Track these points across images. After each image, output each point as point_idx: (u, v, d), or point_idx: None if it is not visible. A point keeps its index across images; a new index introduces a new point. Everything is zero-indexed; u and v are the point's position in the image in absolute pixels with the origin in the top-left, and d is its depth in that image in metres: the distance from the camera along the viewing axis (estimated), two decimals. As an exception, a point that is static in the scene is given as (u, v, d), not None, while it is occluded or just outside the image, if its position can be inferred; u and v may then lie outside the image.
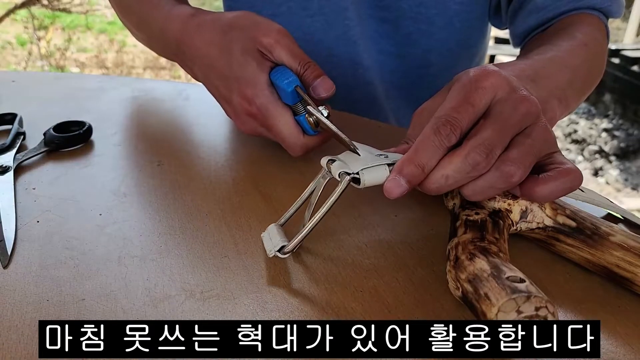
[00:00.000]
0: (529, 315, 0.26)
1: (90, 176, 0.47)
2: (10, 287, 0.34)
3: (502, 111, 0.34)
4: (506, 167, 0.32)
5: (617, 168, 2.65)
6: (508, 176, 0.32)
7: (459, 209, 0.37)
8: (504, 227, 0.34)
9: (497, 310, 0.26)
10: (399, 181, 0.33)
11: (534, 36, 0.58)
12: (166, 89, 0.68)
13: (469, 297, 0.29)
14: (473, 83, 0.34)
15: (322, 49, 0.66)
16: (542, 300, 0.26)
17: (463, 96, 0.34)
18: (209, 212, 0.42)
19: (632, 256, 0.33)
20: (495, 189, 0.33)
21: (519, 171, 0.32)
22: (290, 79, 0.44)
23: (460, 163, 0.32)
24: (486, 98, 0.34)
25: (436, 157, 0.33)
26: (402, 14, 0.64)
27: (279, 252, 0.35)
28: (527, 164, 0.33)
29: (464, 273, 0.30)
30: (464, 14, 0.65)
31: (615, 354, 0.30)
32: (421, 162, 0.33)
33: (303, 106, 0.44)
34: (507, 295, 0.26)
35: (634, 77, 3.05)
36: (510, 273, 0.28)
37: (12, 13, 3.73)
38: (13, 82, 0.70)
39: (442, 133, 0.33)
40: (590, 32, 0.54)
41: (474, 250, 0.31)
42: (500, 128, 0.33)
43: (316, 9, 0.64)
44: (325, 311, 0.32)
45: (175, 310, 0.32)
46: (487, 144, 0.32)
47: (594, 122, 3.11)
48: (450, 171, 0.33)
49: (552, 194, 0.34)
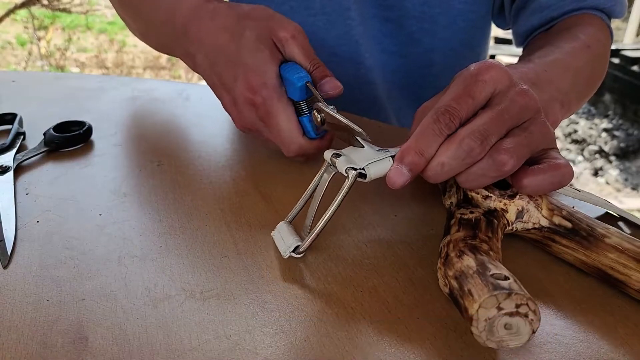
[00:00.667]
0: (509, 312, 0.26)
1: (90, 176, 0.47)
2: (10, 287, 0.34)
3: (500, 103, 0.34)
4: (499, 156, 0.33)
5: (617, 168, 2.65)
6: (500, 164, 0.33)
7: (454, 208, 0.37)
8: (498, 227, 0.34)
9: (478, 306, 0.27)
10: (401, 170, 0.34)
11: (537, 35, 0.58)
12: (166, 89, 0.68)
13: (454, 294, 0.29)
14: (473, 76, 0.35)
15: (324, 48, 0.66)
16: (523, 298, 0.26)
17: (463, 88, 0.34)
18: (209, 212, 0.42)
19: (627, 258, 0.33)
20: (488, 177, 0.34)
21: (512, 160, 0.33)
22: (302, 74, 0.43)
23: (455, 149, 0.33)
24: (486, 91, 0.34)
25: (435, 144, 0.34)
26: (405, 13, 0.64)
27: (294, 253, 0.36)
28: (520, 155, 0.33)
29: (451, 270, 0.30)
30: (468, 14, 0.65)
31: (615, 354, 0.30)
32: (421, 149, 0.33)
33: (308, 105, 0.44)
34: (489, 292, 0.26)
35: (634, 77, 3.05)
36: (496, 270, 0.28)
37: (12, 13, 3.73)
38: (13, 82, 0.70)
39: (441, 121, 0.33)
40: (593, 33, 0.54)
41: (464, 248, 0.31)
42: (496, 117, 0.33)
43: (318, 8, 0.64)
44: (325, 311, 0.32)
45: (175, 310, 0.32)
46: (482, 130, 0.33)
47: (594, 122, 3.11)
48: (446, 158, 0.33)
49: (540, 187, 0.34)
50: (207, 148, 0.53)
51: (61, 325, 0.30)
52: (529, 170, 0.34)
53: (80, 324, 0.31)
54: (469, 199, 0.36)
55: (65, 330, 0.30)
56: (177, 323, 0.31)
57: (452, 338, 0.30)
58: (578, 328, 0.32)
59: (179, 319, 0.31)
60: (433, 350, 0.30)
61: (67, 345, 0.29)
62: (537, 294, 0.34)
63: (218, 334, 0.30)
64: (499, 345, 0.27)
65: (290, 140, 0.44)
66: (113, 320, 0.31)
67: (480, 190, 0.36)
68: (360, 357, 0.29)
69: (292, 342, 0.30)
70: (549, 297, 0.34)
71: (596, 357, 0.30)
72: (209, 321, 0.31)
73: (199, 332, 0.30)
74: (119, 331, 0.30)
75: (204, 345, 0.29)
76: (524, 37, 0.61)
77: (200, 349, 0.29)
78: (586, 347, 0.30)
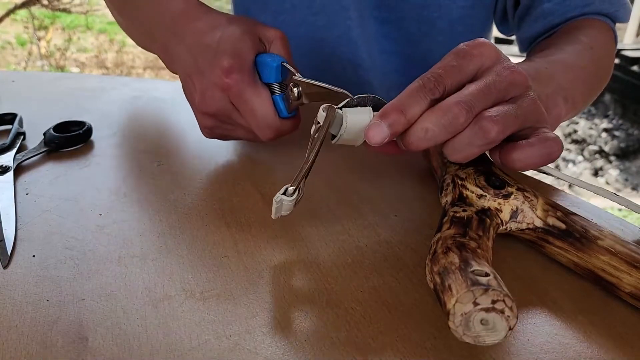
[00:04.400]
0: (485, 307, 0.26)
1: (90, 176, 0.47)
2: (10, 287, 0.34)
3: (487, 77, 0.34)
4: (484, 122, 0.33)
5: (617, 168, 2.65)
6: (485, 131, 0.32)
7: (449, 206, 0.37)
8: (490, 226, 0.34)
9: (455, 300, 0.27)
10: (381, 126, 0.33)
11: (540, 41, 0.58)
12: (166, 89, 0.68)
13: (437, 289, 0.29)
14: (462, 51, 0.35)
15: (324, 48, 0.66)
16: (500, 294, 0.26)
17: (450, 60, 0.35)
18: (209, 212, 0.42)
19: (618, 261, 0.33)
20: (475, 146, 0.33)
21: (496, 127, 0.32)
22: (276, 57, 0.44)
23: (440, 116, 0.33)
24: (474, 63, 0.35)
25: (419, 107, 0.34)
26: (404, 14, 0.64)
27: (284, 195, 0.35)
28: (506, 124, 0.33)
29: (436, 266, 0.30)
30: (466, 19, 0.65)
31: (615, 353, 0.30)
32: (404, 109, 0.33)
33: (280, 86, 0.44)
34: (467, 287, 0.27)
35: (634, 77, 3.05)
36: (477, 267, 0.28)
37: (12, 13, 3.73)
38: (13, 82, 0.70)
39: (426, 86, 0.34)
40: (596, 36, 0.54)
41: (452, 245, 0.31)
42: (483, 88, 0.34)
43: (319, 7, 0.65)
44: (325, 311, 0.32)
45: (175, 310, 0.32)
46: (467, 99, 0.33)
47: (594, 122, 3.11)
48: (430, 124, 0.33)
49: (528, 160, 0.34)
50: (207, 148, 0.53)
51: (61, 325, 0.31)
52: (517, 145, 0.34)
53: (80, 324, 0.31)
54: (464, 198, 0.36)
55: (65, 330, 0.30)
56: (177, 323, 0.31)
57: (452, 338, 0.30)
58: (578, 328, 0.32)
59: (179, 319, 0.31)
60: (433, 350, 0.30)
61: (67, 345, 0.29)
62: (537, 294, 0.34)
63: (218, 334, 0.30)
64: (476, 340, 0.27)
65: (266, 123, 0.43)
66: (113, 320, 0.31)
67: (475, 189, 0.36)
68: (361, 357, 0.29)
69: (292, 342, 0.30)
70: (549, 297, 0.34)
71: (596, 357, 0.30)
72: (209, 321, 0.31)
73: (199, 332, 0.30)
74: (119, 331, 0.30)
75: (204, 345, 0.29)
76: (528, 43, 0.61)
77: (200, 349, 0.29)
78: (586, 347, 0.30)
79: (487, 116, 0.33)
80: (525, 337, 0.31)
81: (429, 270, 0.31)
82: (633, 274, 0.32)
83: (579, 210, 0.41)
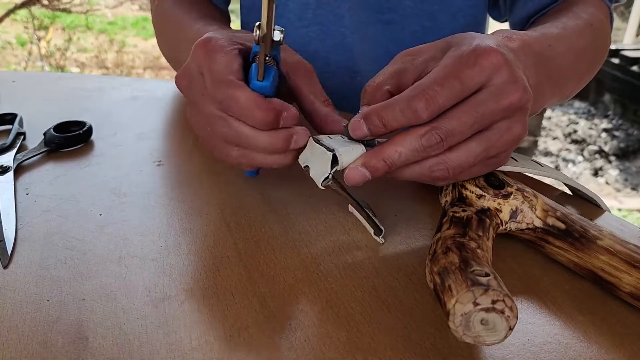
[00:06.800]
0: (485, 307, 0.26)
1: (90, 176, 0.47)
2: (10, 287, 0.34)
3: (485, 103, 0.32)
4: (438, 170, 0.34)
5: (617, 168, 2.65)
6: (434, 179, 0.34)
7: (449, 206, 0.37)
8: (489, 226, 0.34)
9: (455, 301, 0.27)
10: (360, 123, 0.34)
11: (535, 20, 0.58)
12: (166, 89, 0.68)
13: (437, 289, 0.29)
14: (472, 57, 0.32)
15: (319, 59, 0.66)
16: (500, 294, 0.26)
17: (454, 68, 0.32)
18: (209, 212, 0.42)
19: (618, 261, 0.33)
20: (419, 176, 0.34)
21: (447, 179, 0.34)
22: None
23: (414, 141, 0.32)
24: (479, 78, 0.32)
25: (397, 124, 0.33)
26: (406, 12, 0.64)
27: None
28: (458, 175, 0.35)
29: (436, 266, 0.30)
30: (467, 9, 0.64)
31: (615, 353, 0.30)
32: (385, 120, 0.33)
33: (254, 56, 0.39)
34: (467, 287, 0.27)
35: (634, 77, 3.05)
36: (477, 267, 0.28)
37: (12, 13, 3.73)
38: (13, 82, 0.70)
39: (413, 105, 0.32)
40: (594, 13, 0.53)
41: (451, 245, 0.31)
42: (471, 122, 0.32)
43: (311, 19, 0.64)
44: (325, 311, 0.32)
45: (175, 310, 0.32)
46: (448, 130, 0.32)
47: (593, 122, 3.11)
48: (403, 148, 0.33)
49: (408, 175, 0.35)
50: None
51: (61, 325, 0.31)
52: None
53: (80, 324, 0.31)
54: (464, 198, 0.37)
55: (65, 330, 0.30)
56: (177, 323, 0.31)
57: (453, 338, 0.30)
58: (578, 328, 0.32)
59: (179, 319, 0.31)
60: (433, 350, 0.30)
61: (67, 345, 0.29)
62: (537, 294, 0.34)
63: (218, 334, 0.30)
64: (476, 340, 0.27)
65: (253, 103, 0.37)
66: (113, 320, 0.31)
67: (475, 190, 0.36)
68: (361, 357, 0.29)
69: (292, 342, 0.30)
70: (549, 297, 0.34)
71: (596, 357, 0.30)
72: (209, 321, 0.31)
73: (199, 332, 0.30)
74: (119, 331, 0.30)
75: (204, 345, 0.29)
76: (521, 25, 0.60)
77: (200, 349, 0.29)
78: (586, 347, 0.30)
79: (443, 166, 0.33)
80: (525, 337, 0.31)
81: (428, 271, 0.31)
82: (632, 273, 0.32)
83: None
